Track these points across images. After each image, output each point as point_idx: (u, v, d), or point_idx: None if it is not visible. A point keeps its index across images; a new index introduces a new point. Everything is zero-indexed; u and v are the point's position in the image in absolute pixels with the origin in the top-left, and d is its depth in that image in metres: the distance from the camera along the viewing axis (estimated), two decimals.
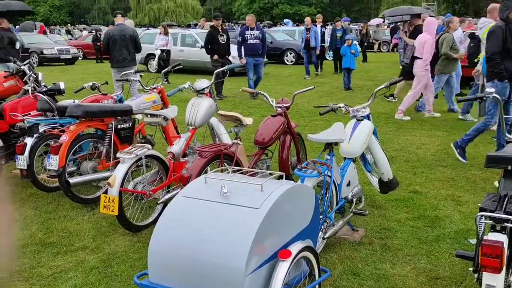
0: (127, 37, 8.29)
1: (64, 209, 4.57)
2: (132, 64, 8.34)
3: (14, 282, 3.29)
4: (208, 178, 2.61)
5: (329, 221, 3.53)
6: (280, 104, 4.41)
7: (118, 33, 8.32)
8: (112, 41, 8.32)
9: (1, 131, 5.19)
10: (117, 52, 8.30)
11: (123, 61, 8.34)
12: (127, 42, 8.31)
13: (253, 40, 10.96)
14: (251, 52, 11.02)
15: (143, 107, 5.06)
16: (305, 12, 65.34)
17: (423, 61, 8.17)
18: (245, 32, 11.04)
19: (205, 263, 2.23)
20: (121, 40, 8.27)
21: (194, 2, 61.99)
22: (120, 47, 8.28)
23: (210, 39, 11.00)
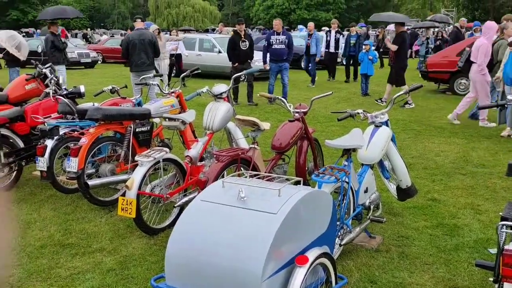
0: (146, 41, 8.40)
1: (82, 210, 4.62)
2: (150, 69, 8.44)
3: (32, 282, 3.34)
4: (225, 183, 2.62)
5: (346, 228, 3.51)
6: (298, 109, 4.40)
7: (137, 37, 8.44)
8: (132, 46, 8.44)
9: (22, 133, 5.27)
10: (136, 57, 8.41)
11: (142, 65, 8.44)
12: (146, 47, 8.42)
13: (279, 45, 10.68)
14: (276, 58, 10.76)
15: (162, 111, 5.10)
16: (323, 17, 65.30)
17: (478, 65, 8.01)
18: (271, 37, 10.76)
19: (222, 268, 2.24)
20: (140, 44, 8.38)
21: (212, 7, 62.45)
22: (139, 52, 8.40)
23: (232, 45, 10.70)
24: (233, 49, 10.66)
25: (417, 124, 8.49)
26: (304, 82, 15.34)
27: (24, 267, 3.54)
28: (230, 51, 10.75)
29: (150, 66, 8.55)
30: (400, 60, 10.14)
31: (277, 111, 9.82)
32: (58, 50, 9.66)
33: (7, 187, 5.14)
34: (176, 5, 55.90)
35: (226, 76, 14.91)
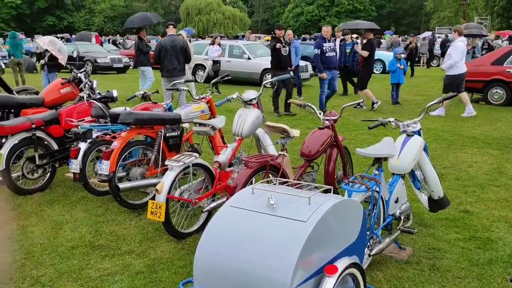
0: (177, 47, 8.54)
1: (112, 213, 4.69)
2: (181, 74, 8.55)
3: (63, 282, 3.40)
4: (255, 189, 2.62)
5: (376, 238, 3.45)
6: (328, 117, 4.37)
7: (169, 43, 8.57)
8: (163, 51, 8.58)
9: (57, 135, 5.41)
10: (167, 62, 8.55)
11: (173, 71, 8.57)
12: (177, 53, 8.55)
13: (331, 52, 10.32)
14: (329, 65, 10.34)
15: (192, 116, 5.15)
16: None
17: None
18: (323, 44, 10.25)
19: (250, 275, 2.23)
20: (172, 50, 8.52)
21: (242, 14, 62.89)
22: (171, 57, 8.54)
23: (273, 50, 10.32)
24: (275, 55, 10.34)
25: (449, 134, 8.31)
26: None
27: (56, 267, 3.62)
28: (273, 57, 10.42)
29: (181, 71, 8.67)
30: (368, 66, 10.81)
31: (306, 118, 9.79)
32: (143, 53, 10.57)
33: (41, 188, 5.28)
34: (207, 12, 56.57)
35: (255, 82, 15.02)
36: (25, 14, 67.11)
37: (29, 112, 5.68)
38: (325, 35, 10.36)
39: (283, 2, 75.22)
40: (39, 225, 4.40)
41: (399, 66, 11.58)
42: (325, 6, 66.37)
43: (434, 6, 55.56)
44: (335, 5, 65.70)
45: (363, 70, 10.89)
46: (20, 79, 14.81)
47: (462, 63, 9.75)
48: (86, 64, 19.92)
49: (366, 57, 10.63)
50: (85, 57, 20.26)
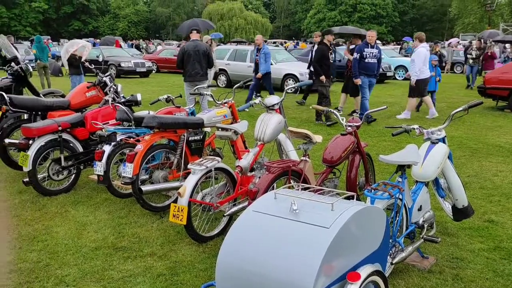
0: (200, 52, 8.61)
1: (135, 215, 4.75)
2: (203, 79, 8.62)
3: (87, 283, 3.46)
4: (278, 194, 2.63)
5: (398, 246, 3.42)
6: (351, 123, 4.35)
7: (192, 48, 8.66)
8: (186, 56, 8.66)
9: (82, 138, 5.51)
10: (190, 67, 8.62)
11: (196, 75, 8.65)
12: (200, 57, 8.62)
13: (372, 59, 9.80)
14: (368, 72, 9.85)
15: (214, 121, 5.19)
16: (376, 31, 64.50)
17: None
18: (364, 49, 9.76)
19: (273, 280, 2.23)
20: (195, 55, 8.59)
21: (264, 19, 63.15)
22: (194, 62, 8.61)
23: (321, 57, 9.79)
24: (322, 62, 9.77)
25: (473, 142, 8.17)
26: None
27: (79, 267, 3.68)
28: (319, 64, 9.81)
29: (203, 76, 8.73)
30: None
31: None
32: None
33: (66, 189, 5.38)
34: (229, 17, 56.98)
35: (276, 88, 15.03)
36: (52, 19, 68.71)
37: (56, 115, 5.80)
38: (369, 40, 9.87)
39: (305, 8, 75.27)
40: (63, 225, 4.48)
41: (433, 74, 11.17)
42: (348, 12, 66.17)
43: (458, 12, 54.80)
44: (357, 11, 65.45)
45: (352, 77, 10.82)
46: (46, 82, 15.13)
47: (426, 68, 10.26)
48: (110, 68, 20.24)
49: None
50: (109, 61, 20.59)
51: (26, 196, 5.25)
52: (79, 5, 68.91)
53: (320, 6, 68.51)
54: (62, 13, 68.98)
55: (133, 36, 66.93)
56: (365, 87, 9.95)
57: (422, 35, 10.55)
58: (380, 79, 18.87)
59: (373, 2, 65.00)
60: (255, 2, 76.60)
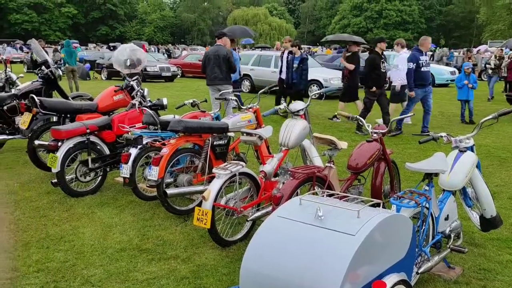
0: (220, 57, 8.69)
1: (159, 218, 4.80)
2: (223, 83, 8.70)
3: (112, 283, 3.50)
4: (303, 200, 2.62)
5: (424, 255, 3.36)
6: (376, 130, 4.31)
7: (213, 53, 8.79)
8: (207, 60, 8.82)
9: (109, 140, 5.60)
10: (210, 71, 8.75)
11: (214, 79, 8.74)
12: (220, 62, 8.68)
13: (426, 67, 9.02)
14: (424, 82, 9.03)
15: (239, 126, 5.22)
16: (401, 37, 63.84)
17: None
18: (420, 57, 8.91)
19: (297, 286, 2.22)
20: (215, 59, 8.69)
21: (288, 25, 63.27)
22: (213, 66, 8.70)
23: (373, 66, 9.15)
24: (374, 71, 9.12)
25: (502, 151, 8.00)
26: None
27: (105, 268, 3.73)
28: (370, 73, 9.18)
29: (222, 80, 8.77)
30: (353, 78, 10.70)
31: (351, 130, 9.68)
32: None
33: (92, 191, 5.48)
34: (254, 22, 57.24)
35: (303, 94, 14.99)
36: (80, 24, 70.28)
37: (84, 118, 5.92)
38: (424, 47, 9.12)
39: (330, 14, 75.13)
40: (89, 226, 4.56)
41: (465, 82, 10.78)
42: (373, 18, 65.77)
43: (486, 19, 53.85)
44: (383, 17, 64.99)
45: (350, 82, 10.73)
46: (74, 86, 15.46)
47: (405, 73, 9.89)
48: None
49: (351, 70, 10.53)
50: None
51: (54, 196, 5.36)
52: (107, 10, 70.36)
53: (345, 12, 68.32)
54: (91, 18, 70.52)
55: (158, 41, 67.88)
56: (415, 101, 9.21)
57: (403, 41, 10.65)
58: None
59: (399, 8, 64.47)
60: (279, 8, 76.86)
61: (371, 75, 9.20)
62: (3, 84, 8.62)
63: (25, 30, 64.10)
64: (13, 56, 30.71)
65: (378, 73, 9.18)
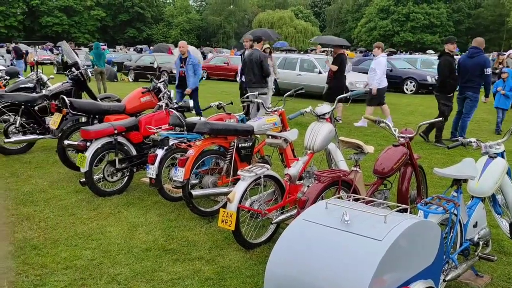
0: (254, 61, 8.99)
1: (184, 218, 4.84)
2: (257, 86, 8.94)
3: (137, 282, 3.55)
4: (329, 204, 2.61)
5: (452, 263, 3.30)
6: (404, 134, 4.26)
7: (248, 56, 9.16)
8: (243, 64, 9.34)
9: (136, 141, 5.69)
10: (246, 74, 9.17)
11: (249, 82, 9.11)
12: (253, 65, 9.00)
13: None
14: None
15: (264, 128, 5.23)
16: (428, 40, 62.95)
17: None
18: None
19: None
20: (249, 63, 9.05)
21: (314, 28, 63.06)
22: (248, 70, 9.07)
23: (449, 70, 8.46)
24: (451, 75, 8.50)
25: None
26: (405, 106, 14.84)
27: (131, 267, 3.79)
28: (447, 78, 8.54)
29: (256, 83, 9.04)
30: (337, 80, 10.83)
31: (377, 135, 9.58)
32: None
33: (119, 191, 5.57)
34: (279, 25, 57.27)
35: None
36: (109, 26, 71.65)
37: (112, 118, 6.03)
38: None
39: (356, 17, 74.56)
40: (116, 225, 4.63)
41: (498, 89, 10.32)
42: (400, 21, 64.96)
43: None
44: (410, 20, 64.11)
45: (334, 83, 10.82)
46: (102, 87, 15.74)
47: (384, 77, 10.48)
48: (163, 75, 20.78)
49: (336, 71, 10.72)
50: (161, 68, 21.14)
51: (82, 195, 5.47)
52: (135, 13, 71.53)
53: (371, 15, 67.68)
54: (119, 20, 71.83)
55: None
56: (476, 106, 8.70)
57: (382, 44, 10.84)
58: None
59: (426, 11, 63.52)
60: (305, 11, 76.70)
61: (448, 79, 8.49)
62: (34, 85, 8.85)
63: (55, 32, 65.76)
64: (44, 58, 31.47)
65: (454, 77, 8.53)
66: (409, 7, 63.96)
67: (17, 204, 5.17)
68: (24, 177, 6.23)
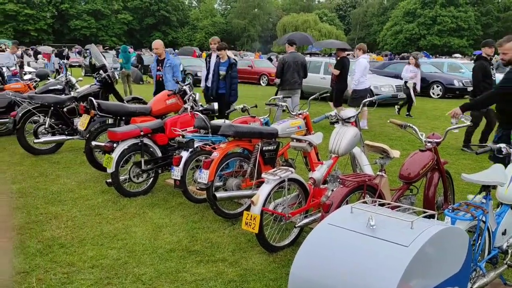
0: (299, 63, 9.46)
1: (208, 220, 4.87)
2: (300, 88, 9.58)
3: (161, 283, 3.59)
4: (354, 208, 2.59)
5: (479, 271, 3.24)
6: (431, 139, 4.20)
7: (292, 59, 9.47)
8: (287, 66, 9.46)
9: (161, 143, 5.76)
10: (289, 76, 9.43)
11: (294, 84, 9.49)
12: (299, 68, 9.45)
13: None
14: None
15: (288, 132, 5.23)
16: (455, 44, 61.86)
17: None
18: None
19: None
20: (294, 65, 9.40)
21: (339, 31, 62.71)
22: (293, 72, 9.42)
23: (483, 74, 8.07)
24: (485, 80, 8.07)
25: None
26: (431, 110, 14.61)
27: (155, 267, 3.83)
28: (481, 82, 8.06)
29: (300, 85, 9.56)
30: (340, 83, 10.83)
31: (402, 139, 9.46)
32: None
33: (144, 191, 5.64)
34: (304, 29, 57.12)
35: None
36: (135, 29, 72.79)
37: (138, 120, 6.11)
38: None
39: (382, 20, 73.87)
40: (141, 226, 4.69)
41: None
42: (426, 24, 64.05)
43: None
44: (437, 23, 63.16)
45: (337, 87, 10.88)
46: (128, 89, 15.98)
47: (364, 78, 10.47)
48: (188, 78, 20.97)
49: (338, 75, 10.71)
50: (186, 71, 21.33)
51: (108, 196, 5.56)
52: (160, 17, 72.50)
53: (397, 18, 66.95)
54: (145, 24, 72.90)
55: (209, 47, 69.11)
56: None
57: (364, 46, 10.84)
58: (461, 95, 18.09)
59: (454, 15, 62.46)
60: (330, 14, 76.40)
61: (482, 84, 8.05)
62: (63, 87, 9.05)
63: (83, 36, 67.12)
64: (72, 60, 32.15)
65: (489, 82, 8.08)
66: (436, 10, 63.01)
67: (46, 203, 5.30)
68: (53, 176, 6.37)
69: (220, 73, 8.40)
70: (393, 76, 17.71)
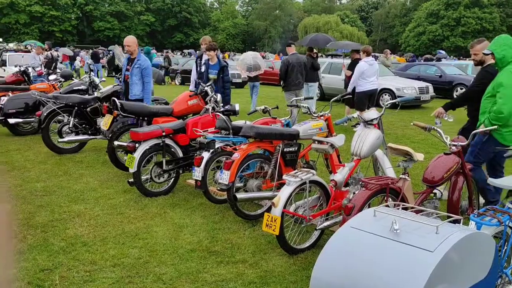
0: (302, 64, 9.61)
1: (228, 221, 4.87)
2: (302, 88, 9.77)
3: (182, 283, 3.60)
4: (377, 212, 2.56)
5: (505, 278, 3.15)
6: (456, 142, 4.12)
7: (295, 60, 9.64)
8: (290, 67, 9.58)
9: (183, 143, 5.79)
10: (294, 77, 9.57)
11: (299, 84, 9.64)
12: (302, 68, 9.62)
13: None
14: None
15: (310, 133, 5.19)
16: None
17: None
18: None
19: None
20: (298, 66, 9.56)
21: (360, 33, 62.19)
22: (297, 73, 9.56)
23: None
24: None
25: None
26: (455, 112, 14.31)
27: (176, 267, 3.85)
28: None
29: (302, 85, 9.80)
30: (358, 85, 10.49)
31: (425, 142, 9.31)
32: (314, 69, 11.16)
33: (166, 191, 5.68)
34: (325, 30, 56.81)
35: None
36: (157, 31, 73.54)
37: (160, 121, 6.15)
38: None
39: (404, 21, 73.02)
40: (162, 225, 4.72)
41: None
42: (450, 25, 63.07)
43: None
44: (461, 24, 62.12)
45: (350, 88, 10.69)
46: None
47: (367, 81, 10.07)
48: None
49: (351, 76, 10.51)
50: None
51: (130, 195, 5.62)
52: (182, 18, 73.12)
53: (420, 19, 66.08)
54: (167, 25, 73.62)
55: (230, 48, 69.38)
56: None
57: (369, 48, 10.47)
58: None
59: (478, 16, 61.34)
60: (352, 16, 75.87)
61: None
62: (87, 87, 9.19)
63: (106, 37, 68.13)
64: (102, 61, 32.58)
65: None
66: (459, 12, 61.98)
67: (69, 202, 5.37)
68: (76, 175, 6.47)
69: (210, 77, 7.64)
70: (415, 78, 17.48)
